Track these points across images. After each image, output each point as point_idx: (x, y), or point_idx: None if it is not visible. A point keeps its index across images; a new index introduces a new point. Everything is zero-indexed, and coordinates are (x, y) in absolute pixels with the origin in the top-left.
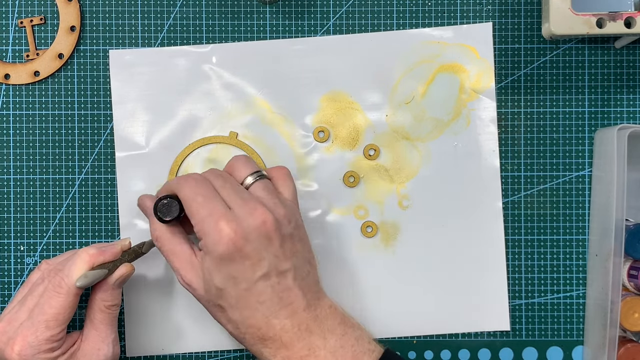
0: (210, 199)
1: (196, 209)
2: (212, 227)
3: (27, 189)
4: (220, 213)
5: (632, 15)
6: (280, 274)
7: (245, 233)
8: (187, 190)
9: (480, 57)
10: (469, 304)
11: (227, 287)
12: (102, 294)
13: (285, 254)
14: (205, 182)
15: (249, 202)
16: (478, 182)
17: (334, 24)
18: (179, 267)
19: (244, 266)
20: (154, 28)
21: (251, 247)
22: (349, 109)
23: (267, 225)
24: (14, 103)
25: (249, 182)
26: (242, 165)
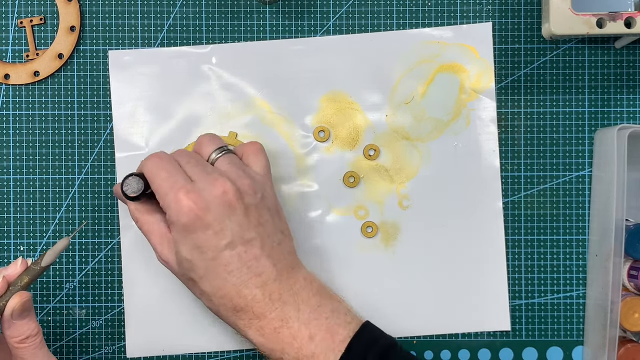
0: (173, 173)
1: (159, 184)
2: (173, 199)
3: (27, 189)
4: (180, 185)
5: (632, 15)
6: (246, 242)
7: (206, 202)
8: (150, 166)
9: (480, 57)
10: (469, 304)
11: (193, 257)
12: (7, 331)
13: (250, 223)
14: (169, 158)
15: (211, 173)
16: (478, 182)
17: (334, 24)
18: (155, 243)
19: (206, 235)
20: (154, 28)
21: (212, 217)
22: (349, 109)
23: (228, 194)
24: (14, 103)
25: (214, 157)
26: (208, 142)
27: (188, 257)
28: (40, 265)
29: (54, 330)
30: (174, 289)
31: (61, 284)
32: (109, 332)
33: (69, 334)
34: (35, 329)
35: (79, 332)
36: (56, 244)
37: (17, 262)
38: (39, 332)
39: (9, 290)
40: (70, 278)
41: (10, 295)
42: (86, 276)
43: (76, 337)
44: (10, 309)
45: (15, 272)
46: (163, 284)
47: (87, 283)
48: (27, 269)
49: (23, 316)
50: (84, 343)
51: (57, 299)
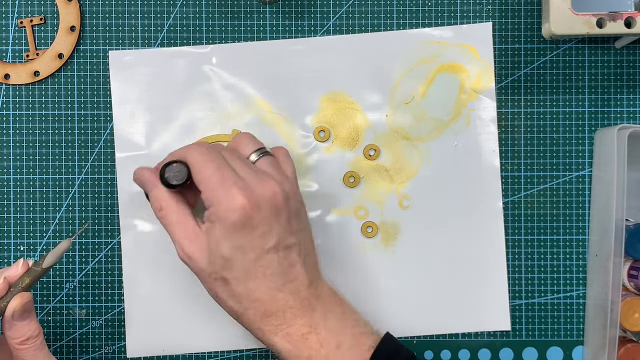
0: (222, 166)
1: (207, 176)
2: (225, 194)
3: (27, 189)
4: (232, 180)
5: (632, 15)
6: (287, 247)
7: (258, 202)
8: (198, 156)
9: (480, 57)
10: (469, 304)
11: (234, 257)
12: (8, 332)
13: (292, 228)
14: (216, 150)
15: (258, 173)
16: (478, 182)
17: (334, 24)
18: (183, 237)
19: (253, 236)
20: (154, 28)
21: (262, 217)
22: (349, 109)
23: (277, 197)
24: (14, 103)
25: (254, 158)
26: (248, 141)
27: (228, 256)
28: (41, 266)
29: (54, 330)
30: (175, 289)
31: (61, 284)
32: (109, 332)
33: (69, 334)
34: (36, 330)
35: (79, 332)
36: (58, 246)
37: (18, 263)
38: (39, 333)
39: (10, 291)
40: (71, 278)
41: (11, 296)
42: (86, 276)
43: (76, 337)
44: (11, 310)
45: (16, 273)
46: (163, 284)
47: (87, 283)
48: (29, 270)
49: (24, 317)
50: (84, 343)
51: (57, 299)
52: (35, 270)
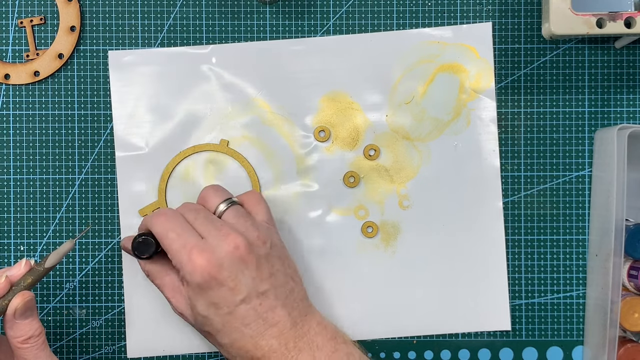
0: (182, 231)
1: (169, 244)
2: (186, 258)
3: (27, 189)
4: (192, 244)
5: (632, 15)
6: (261, 294)
7: (219, 260)
8: (159, 227)
9: (480, 57)
10: (469, 303)
11: (209, 313)
12: (9, 331)
13: (263, 274)
14: (177, 216)
15: (221, 229)
16: (478, 182)
17: (334, 24)
18: (170, 297)
19: (221, 292)
20: (154, 28)
21: (227, 273)
22: (349, 109)
23: (240, 249)
24: (14, 103)
25: (222, 210)
26: (213, 195)
27: (204, 314)
28: (43, 266)
29: (54, 330)
30: None
31: (61, 284)
32: (109, 332)
33: (69, 334)
34: (38, 329)
35: (79, 332)
36: (61, 246)
37: (21, 262)
38: (41, 333)
39: (12, 290)
40: (71, 278)
41: (13, 295)
42: (86, 276)
43: (76, 337)
44: (12, 309)
45: (19, 273)
46: None
47: (88, 283)
48: (31, 269)
49: (26, 316)
50: (84, 343)
51: (58, 299)
52: (37, 270)
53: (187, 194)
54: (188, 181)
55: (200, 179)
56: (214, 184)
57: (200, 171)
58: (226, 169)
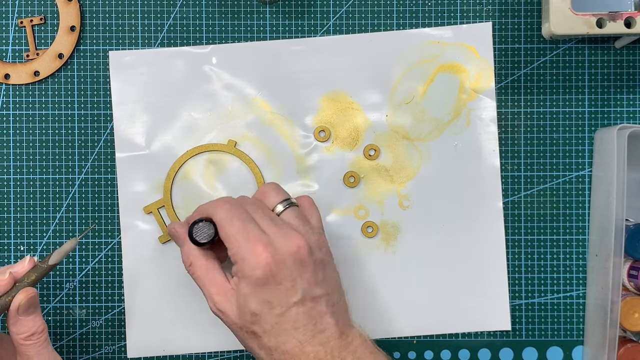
0: (246, 222)
1: (232, 233)
2: (249, 251)
3: (27, 189)
4: (256, 237)
5: (632, 15)
6: (314, 299)
7: (282, 258)
8: (223, 214)
9: (480, 57)
10: (469, 303)
11: (262, 312)
12: (12, 327)
13: (318, 280)
14: (240, 206)
15: (282, 227)
16: (478, 182)
17: (334, 24)
18: (213, 292)
19: (279, 291)
20: (154, 28)
21: (287, 273)
22: (349, 109)
23: (301, 251)
24: (14, 103)
25: (280, 210)
26: (273, 193)
27: (256, 311)
28: (47, 263)
29: (54, 330)
30: (174, 289)
31: (61, 284)
32: (109, 332)
33: (69, 334)
34: (41, 326)
35: (79, 332)
36: (64, 245)
37: (24, 260)
38: (44, 329)
39: (16, 286)
40: (71, 278)
41: (16, 291)
42: (86, 276)
43: (76, 337)
44: (16, 305)
45: (22, 270)
46: (163, 284)
47: (88, 283)
48: (35, 267)
49: (29, 312)
50: (84, 343)
51: (58, 298)
52: (41, 267)
53: (187, 193)
54: (188, 181)
55: (200, 179)
56: (272, 182)
57: (200, 171)
58: (227, 169)
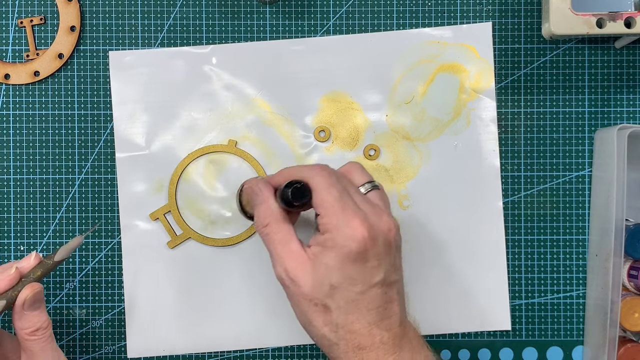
0: (344, 194)
1: (330, 201)
2: (346, 222)
3: (27, 189)
4: (353, 210)
5: (632, 15)
6: (390, 284)
7: (376, 235)
8: (322, 181)
9: (480, 57)
10: (469, 304)
11: (342, 286)
12: (18, 322)
13: (396, 265)
14: (337, 176)
15: (375, 207)
16: (478, 182)
17: (334, 24)
18: (287, 257)
19: (365, 269)
20: (154, 28)
21: (376, 251)
22: (349, 109)
23: (391, 232)
24: (14, 103)
25: (365, 190)
26: (359, 172)
27: (336, 284)
28: (53, 259)
29: (55, 330)
30: (175, 289)
31: (61, 284)
32: (109, 332)
33: (69, 334)
34: (46, 321)
35: (79, 332)
36: (70, 241)
37: (30, 255)
38: (49, 325)
39: (22, 281)
40: (71, 278)
41: (22, 286)
42: (86, 276)
43: (76, 337)
44: (22, 299)
45: (28, 265)
46: (163, 284)
47: (88, 283)
48: (40, 262)
49: (34, 307)
50: (84, 343)
51: (58, 298)
52: (47, 263)
53: (187, 193)
54: (188, 181)
55: (200, 178)
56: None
57: (200, 171)
58: (227, 169)
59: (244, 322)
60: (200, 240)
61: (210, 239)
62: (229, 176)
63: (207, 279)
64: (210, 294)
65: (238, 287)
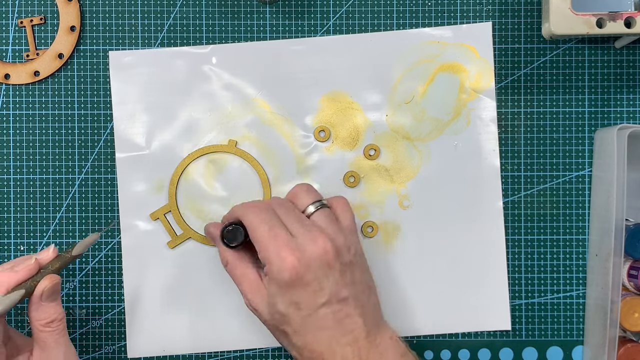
0: (274, 226)
1: (260, 236)
2: (276, 254)
3: (27, 189)
4: (283, 241)
5: (632, 15)
6: (341, 301)
7: (308, 261)
8: (252, 217)
9: (480, 57)
10: (469, 303)
11: (289, 312)
12: (34, 313)
13: (345, 281)
14: (269, 209)
15: (311, 230)
16: (478, 181)
17: (334, 24)
18: (247, 290)
19: (306, 293)
20: (154, 28)
21: (313, 275)
22: (349, 109)
23: (328, 254)
24: (14, 103)
25: (311, 211)
26: (304, 194)
27: (284, 312)
28: (70, 254)
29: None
30: (174, 289)
31: (61, 284)
32: (109, 332)
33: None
34: (61, 313)
35: (80, 332)
36: (87, 237)
37: (49, 248)
38: (63, 318)
39: (40, 272)
40: (71, 278)
41: (41, 277)
42: (86, 276)
43: (76, 337)
44: (40, 290)
45: (47, 257)
46: (163, 284)
47: (87, 283)
48: (58, 256)
49: (52, 299)
50: (84, 343)
51: None
52: (64, 256)
53: (187, 193)
54: (188, 181)
55: (200, 178)
56: (305, 182)
57: (200, 170)
58: (227, 169)
59: (243, 322)
60: (200, 240)
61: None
62: (229, 176)
63: (207, 279)
64: (211, 294)
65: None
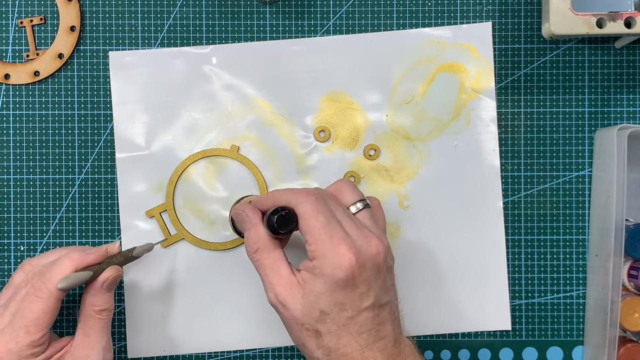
0: (330, 219)
1: (316, 228)
2: (333, 250)
3: (27, 189)
4: (341, 237)
5: (632, 15)
6: (381, 306)
7: (364, 261)
8: (309, 207)
9: (480, 57)
10: (469, 304)
11: (332, 312)
12: (91, 297)
13: (387, 286)
14: (324, 201)
15: (363, 229)
16: (478, 182)
17: (334, 24)
18: (276, 283)
19: (354, 294)
20: (154, 28)
21: (365, 277)
22: (349, 109)
23: (379, 256)
24: (14, 103)
25: (355, 210)
26: (350, 190)
27: (326, 310)
28: (132, 253)
29: (55, 330)
30: (174, 290)
31: None
32: None
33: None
34: (112, 305)
35: None
36: (145, 244)
37: (116, 243)
38: (112, 310)
39: (106, 261)
40: None
41: (106, 266)
42: None
43: None
44: (104, 278)
45: (113, 250)
46: (163, 285)
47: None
48: (121, 252)
49: (110, 288)
50: None
51: None
52: (127, 254)
53: (187, 193)
54: (188, 181)
55: (200, 179)
56: (347, 180)
57: (200, 171)
58: (226, 170)
59: (244, 322)
60: (193, 243)
61: (204, 242)
62: (229, 176)
63: (207, 279)
64: (211, 293)
65: (238, 287)
